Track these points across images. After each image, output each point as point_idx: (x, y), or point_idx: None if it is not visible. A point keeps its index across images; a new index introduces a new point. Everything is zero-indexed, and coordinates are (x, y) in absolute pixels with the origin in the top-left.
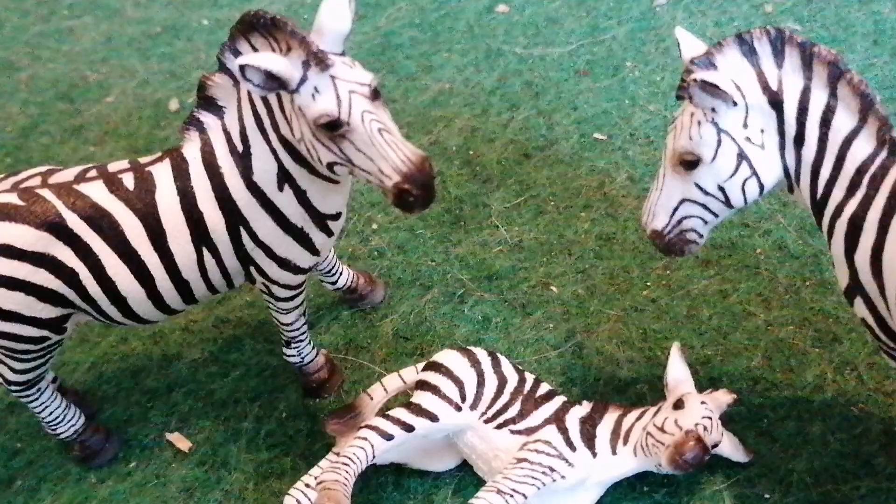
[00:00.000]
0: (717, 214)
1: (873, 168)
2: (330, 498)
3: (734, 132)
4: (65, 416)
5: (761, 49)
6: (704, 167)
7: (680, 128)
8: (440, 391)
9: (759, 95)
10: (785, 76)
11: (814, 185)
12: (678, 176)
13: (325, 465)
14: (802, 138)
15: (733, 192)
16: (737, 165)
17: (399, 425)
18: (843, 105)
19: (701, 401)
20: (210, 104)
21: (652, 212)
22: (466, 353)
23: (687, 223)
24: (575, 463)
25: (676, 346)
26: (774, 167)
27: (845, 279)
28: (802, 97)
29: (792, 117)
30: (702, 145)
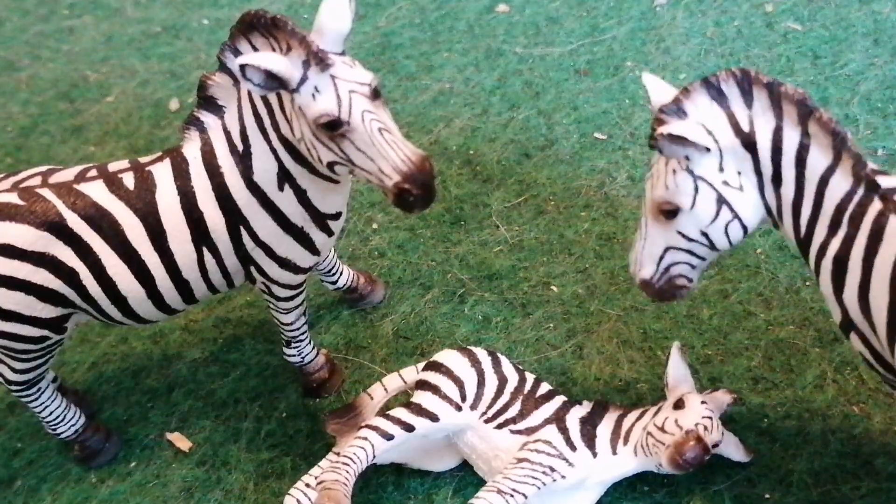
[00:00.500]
0: (704, 258)
1: (852, 206)
2: (330, 498)
3: (710, 177)
4: (65, 416)
5: (729, 91)
6: (685, 215)
7: (656, 177)
8: (440, 391)
9: (731, 138)
10: (756, 117)
11: (796, 223)
12: (660, 225)
13: (325, 465)
14: (780, 178)
15: (717, 236)
16: (717, 210)
17: (399, 425)
18: (815, 143)
19: (701, 401)
20: (210, 104)
21: (639, 261)
22: (467, 352)
23: (675, 269)
24: (575, 463)
25: (677, 345)
26: (756, 208)
27: (838, 316)
28: (775, 137)
29: (767, 158)
30: (679, 194)
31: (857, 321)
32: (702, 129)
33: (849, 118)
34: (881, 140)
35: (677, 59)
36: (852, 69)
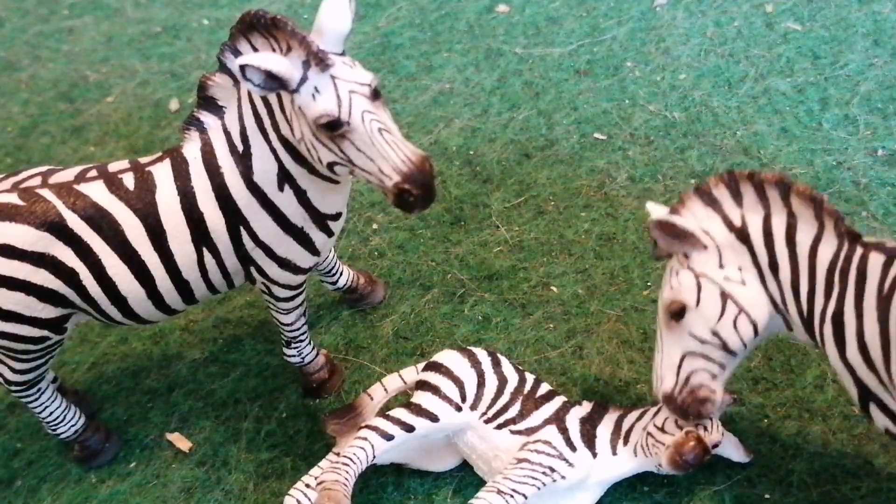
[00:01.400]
0: (723, 365)
1: (840, 263)
2: (330, 498)
3: (711, 273)
4: (65, 416)
5: (720, 195)
6: (692, 313)
7: (663, 285)
8: (440, 391)
9: (726, 234)
10: (747, 212)
11: (798, 304)
12: (673, 332)
13: (325, 466)
14: (776, 263)
15: (727, 333)
16: (722, 305)
17: (399, 425)
18: (800, 218)
19: None
20: (210, 104)
21: (659, 376)
22: (467, 353)
23: (695, 379)
24: (575, 463)
25: None
26: (761, 301)
27: (853, 389)
28: (765, 224)
29: (760, 245)
30: (683, 291)
31: (864, 379)
32: (696, 226)
33: (849, 118)
34: (881, 140)
35: (677, 60)
36: (852, 69)
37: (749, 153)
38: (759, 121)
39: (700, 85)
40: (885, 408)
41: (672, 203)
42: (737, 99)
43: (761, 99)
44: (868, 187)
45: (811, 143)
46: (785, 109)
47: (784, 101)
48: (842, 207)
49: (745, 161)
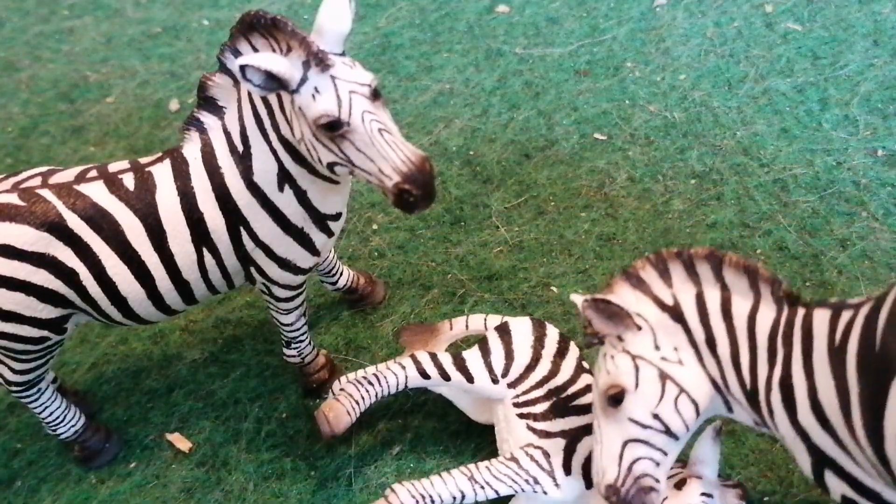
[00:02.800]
0: (665, 451)
1: (781, 328)
2: (331, 409)
3: (647, 355)
4: (65, 417)
5: (647, 276)
6: (631, 397)
7: (598, 372)
8: (488, 357)
9: (659, 315)
10: (677, 291)
11: (740, 377)
12: (612, 419)
13: (381, 367)
14: (713, 339)
15: (668, 416)
16: (662, 387)
17: (439, 370)
18: (735, 290)
19: (703, 491)
20: (210, 104)
21: (601, 468)
22: (538, 329)
23: (638, 468)
24: (562, 486)
25: (714, 426)
26: (701, 381)
27: (806, 458)
28: (698, 301)
29: (696, 323)
30: (620, 375)
31: (819, 442)
32: (631, 310)
33: (849, 118)
34: (881, 141)
35: (677, 60)
36: (852, 70)
37: (749, 153)
38: (759, 121)
39: (700, 85)
40: (842, 472)
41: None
42: (737, 99)
43: (761, 99)
44: (868, 187)
45: (811, 144)
46: (785, 110)
47: (784, 101)
48: (842, 208)
49: (744, 161)
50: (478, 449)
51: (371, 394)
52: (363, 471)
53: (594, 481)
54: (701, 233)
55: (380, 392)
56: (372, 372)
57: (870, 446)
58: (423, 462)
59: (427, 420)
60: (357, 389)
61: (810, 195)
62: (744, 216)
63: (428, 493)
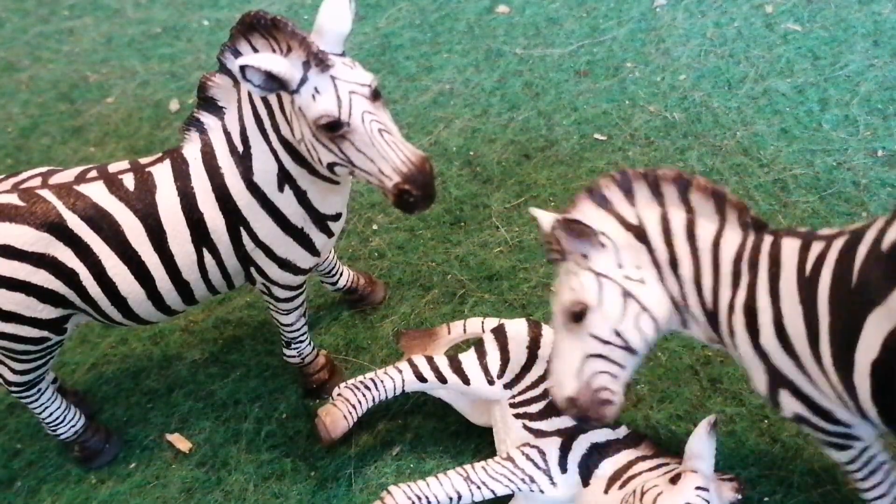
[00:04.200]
0: (623, 365)
1: (747, 253)
2: (328, 413)
3: (611, 273)
4: (65, 417)
5: (611, 195)
6: (594, 314)
7: (559, 288)
8: (484, 359)
9: (622, 234)
10: (641, 210)
11: (701, 299)
12: (572, 334)
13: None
14: (675, 260)
15: (629, 333)
16: (624, 304)
17: (435, 373)
18: (700, 213)
19: (698, 485)
20: (210, 105)
21: (559, 382)
22: (534, 331)
23: (596, 381)
24: (559, 484)
25: (709, 419)
26: (661, 299)
27: (763, 378)
28: (663, 222)
29: (659, 243)
30: (584, 292)
31: (780, 365)
32: (593, 224)
33: (849, 119)
34: (881, 141)
35: (677, 60)
36: (852, 70)
37: (749, 154)
38: (759, 121)
39: (700, 85)
40: (798, 392)
41: None
42: (737, 100)
43: (761, 100)
44: (868, 188)
45: (811, 144)
46: (785, 110)
47: (784, 101)
48: (842, 208)
49: (745, 161)
50: (477, 449)
51: (368, 398)
52: (363, 471)
53: (552, 394)
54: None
55: (377, 396)
56: (369, 376)
57: (836, 373)
58: (422, 462)
59: (427, 420)
60: (354, 394)
61: (810, 195)
62: None
63: (424, 494)
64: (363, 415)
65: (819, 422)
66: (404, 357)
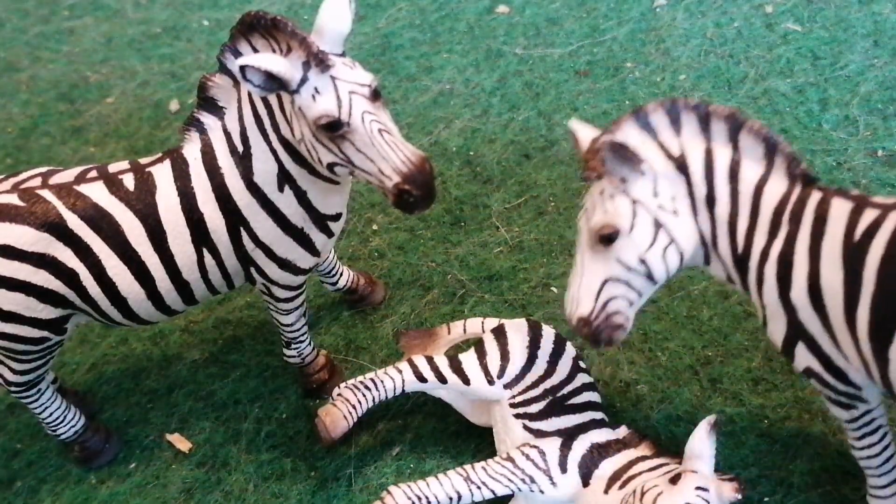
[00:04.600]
0: (641, 293)
1: (790, 205)
2: (328, 413)
3: (646, 201)
4: (65, 417)
5: (657, 121)
6: (623, 239)
7: (591, 207)
8: (484, 359)
9: (664, 163)
10: (685, 142)
11: (733, 241)
12: (598, 255)
13: (379, 374)
14: (713, 197)
15: (654, 263)
16: (654, 234)
17: (435, 373)
18: (747, 155)
19: (698, 485)
20: (210, 105)
21: (575, 299)
22: (533, 330)
23: (612, 305)
24: (559, 484)
25: (709, 419)
26: (691, 233)
27: (782, 329)
28: (707, 157)
29: (699, 178)
30: (617, 216)
31: (805, 320)
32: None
33: (849, 119)
34: (881, 141)
35: (677, 60)
36: (852, 70)
37: None
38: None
39: (700, 86)
40: (816, 349)
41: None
42: (737, 100)
43: (761, 100)
44: (868, 188)
45: (811, 144)
46: (785, 110)
47: (784, 101)
48: None
49: None
50: (478, 449)
51: (368, 398)
52: (363, 471)
53: (565, 311)
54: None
55: (377, 396)
56: (369, 377)
57: (870, 342)
58: (422, 462)
59: (427, 421)
60: (354, 394)
61: None
62: None
63: (424, 494)
64: (363, 415)
65: (830, 380)
66: (404, 357)
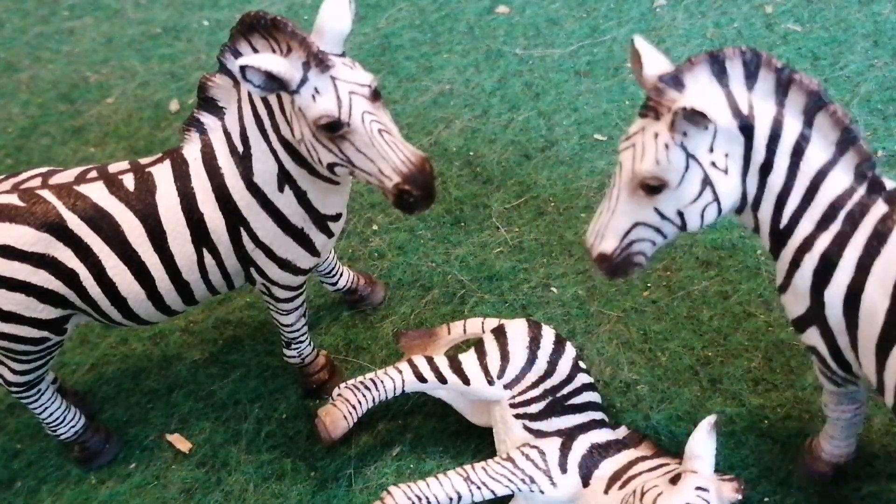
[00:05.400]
0: (668, 238)
1: (850, 204)
2: (328, 414)
3: (701, 156)
4: (65, 417)
5: (733, 70)
6: (668, 192)
7: (641, 149)
8: (484, 359)
9: (728, 119)
10: (756, 100)
11: (777, 213)
12: (636, 199)
13: (379, 375)
14: (770, 166)
15: (692, 217)
16: (700, 191)
17: (435, 373)
18: (818, 136)
19: (698, 486)
20: (210, 105)
21: (600, 234)
22: (533, 331)
23: (636, 246)
24: (559, 484)
25: (710, 419)
26: (734, 192)
27: (800, 310)
28: (775, 124)
29: (761, 144)
30: (669, 170)
31: (831, 317)
32: (707, 105)
33: None
34: (881, 141)
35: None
36: (852, 70)
37: None
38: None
39: None
40: (830, 338)
41: None
42: None
43: None
44: None
45: None
46: None
47: None
48: None
49: None
50: (478, 450)
51: (368, 398)
52: (363, 471)
53: (586, 242)
54: (701, 233)
55: (377, 396)
56: (369, 377)
57: None
58: (423, 463)
59: (427, 421)
60: (354, 394)
61: None
62: None
63: (424, 494)
64: (363, 415)
65: (833, 365)
66: (404, 357)
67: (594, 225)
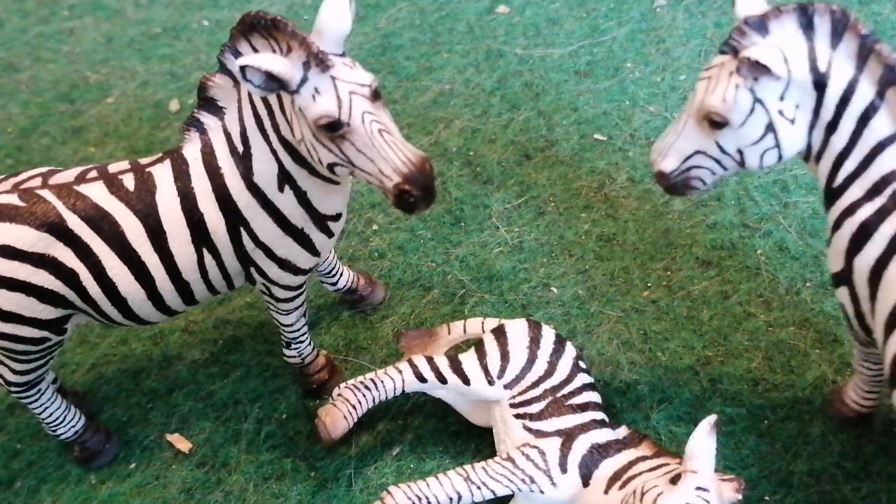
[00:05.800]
0: (728, 169)
1: None
2: (328, 414)
3: (769, 103)
4: (65, 417)
5: (820, 26)
6: (730, 130)
7: (714, 83)
8: (484, 360)
9: (804, 72)
10: (836, 60)
11: (833, 172)
12: (701, 129)
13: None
14: (835, 126)
15: (751, 157)
16: (762, 135)
17: (435, 373)
18: (887, 109)
19: (698, 486)
20: (210, 105)
21: (664, 152)
22: (533, 330)
23: (695, 172)
24: (559, 485)
25: (710, 419)
26: (799, 143)
27: (837, 266)
28: (848, 87)
29: (832, 103)
30: (734, 111)
31: (857, 282)
32: (781, 55)
33: None
34: None
35: (677, 60)
36: None
37: None
38: None
39: None
40: (856, 301)
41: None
42: None
43: None
44: None
45: None
46: None
47: None
48: None
49: None
50: (478, 450)
51: (368, 398)
52: (363, 471)
53: (651, 156)
54: (701, 233)
55: (377, 397)
56: (369, 377)
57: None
58: (423, 463)
59: (427, 421)
60: (354, 394)
61: (810, 195)
62: (744, 217)
63: (424, 494)
64: (363, 415)
65: (856, 326)
66: (404, 357)
67: (660, 142)
